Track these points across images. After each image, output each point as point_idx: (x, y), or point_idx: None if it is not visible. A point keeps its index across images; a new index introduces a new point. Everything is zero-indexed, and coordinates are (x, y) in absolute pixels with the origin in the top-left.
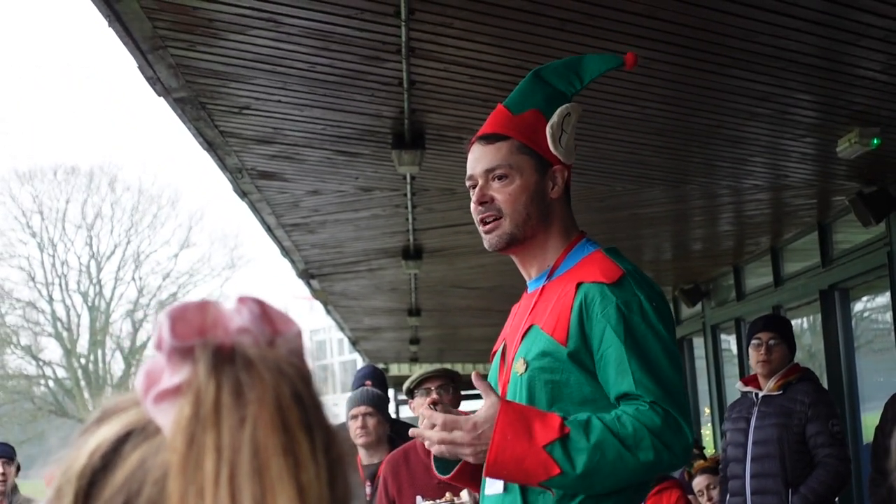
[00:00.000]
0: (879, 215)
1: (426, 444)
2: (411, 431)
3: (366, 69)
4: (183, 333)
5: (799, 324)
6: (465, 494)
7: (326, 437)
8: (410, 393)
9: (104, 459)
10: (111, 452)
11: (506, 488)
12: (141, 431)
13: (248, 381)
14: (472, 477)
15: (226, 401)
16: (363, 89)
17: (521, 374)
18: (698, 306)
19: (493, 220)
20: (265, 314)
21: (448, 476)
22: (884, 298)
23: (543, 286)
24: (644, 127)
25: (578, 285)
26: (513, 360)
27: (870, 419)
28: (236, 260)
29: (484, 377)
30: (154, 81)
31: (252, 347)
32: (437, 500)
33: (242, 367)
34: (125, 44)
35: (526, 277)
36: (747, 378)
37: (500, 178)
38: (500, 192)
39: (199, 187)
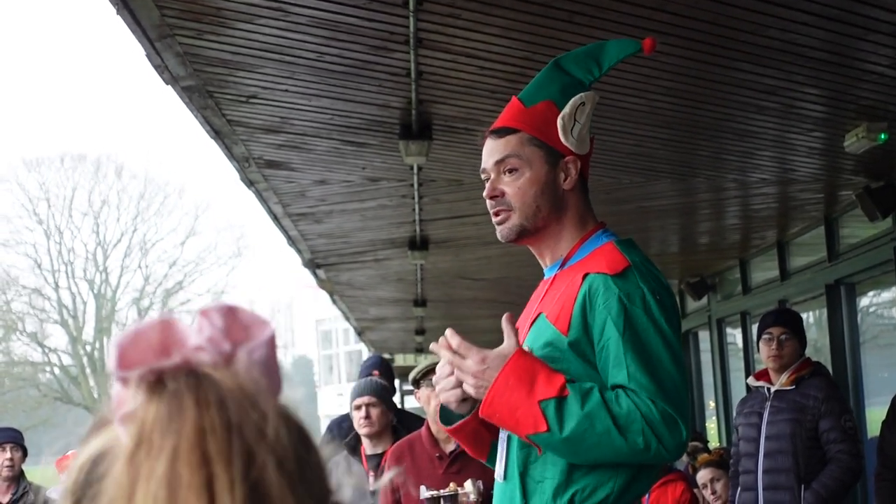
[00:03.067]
0: (886, 210)
1: (437, 369)
2: (432, 346)
3: (373, 59)
4: (127, 363)
5: (805, 318)
6: (468, 485)
7: (246, 461)
8: (416, 383)
9: (87, 476)
10: (90, 471)
11: (506, 476)
12: (109, 453)
13: (174, 413)
14: (473, 437)
15: (156, 434)
16: (371, 79)
17: None
18: (704, 300)
19: (504, 213)
20: (231, 324)
21: (450, 427)
22: (890, 294)
23: (555, 275)
24: (651, 119)
25: (585, 276)
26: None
27: (875, 414)
28: (242, 249)
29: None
30: (162, 70)
31: (201, 368)
32: (441, 490)
33: (173, 398)
34: (133, 32)
35: (542, 266)
36: (758, 373)
37: (509, 171)
38: (510, 186)
39: (206, 176)
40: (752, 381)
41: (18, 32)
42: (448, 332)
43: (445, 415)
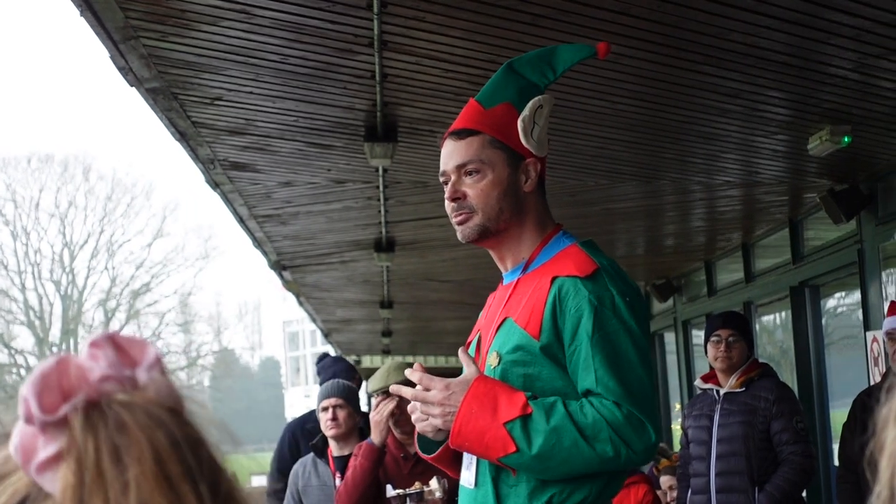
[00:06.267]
0: (850, 213)
1: (409, 405)
2: (392, 388)
3: (338, 62)
4: (50, 405)
5: (770, 320)
6: (434, 482)
7: (211, 478)
8: (370, 396)
9: None
10: None
11: (477, 483)
12: (35, 497)
13: (124, 442)
14: (453, 461)
15: (106, 465)
16: (335, 82)
17: (494, 367)
18: (670, 301)
19: (466, 215)
20: (120, 350)
21: (431, 456)
22: (854, 296)
23: (518, 279)
24: (616, 122)
25: (553, 279)
26: (487, 352)
27: (839, 416)
28: (210, 250)
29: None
30: (126, 71)
31: (120, 397)
32: (407, 490)
33: (115, 427)
34: (97, 33)
35: (502, 269)
36: (706, 375)
37: (471, 173)
38: (472, 188)
39: (174, 178)
40: (700, 383)
41: None
42: (407, 370)
43: (424, 443)
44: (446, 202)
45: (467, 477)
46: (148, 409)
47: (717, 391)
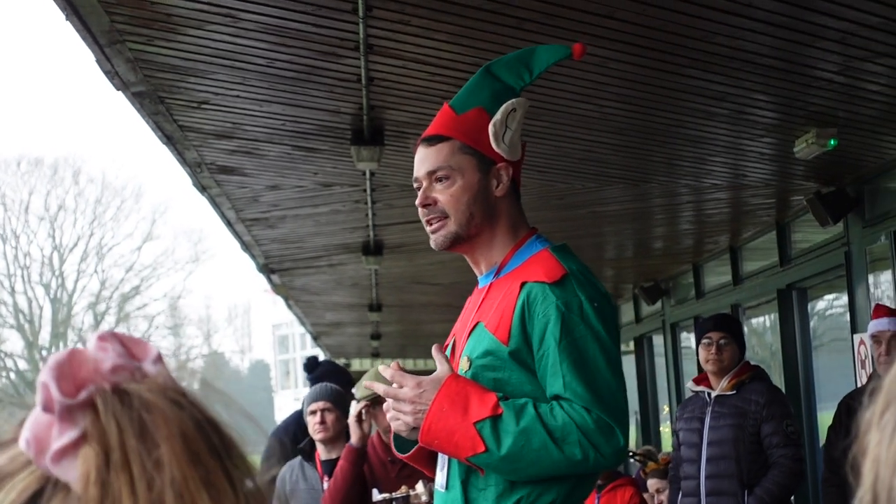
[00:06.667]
0: (837, 215)
1: (384, 404)
2: (365, 383)
3: (324, 65)
4: (69, 389)
5: (758, 323)
6: (420, 486)
7: (233, 457)
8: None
9: None
10: None
11: (447, 486)
12: (52, 488)
13: (150, 420)
14: (428, 460)
15: (132, 445)
16: (321, 85)
17: (465, 372)
18: (658, 304)
19: (438, 221)
20: (125, 346)
21: (406, 455)
22: (841, 298)
23: (491, 283)
24: (603, 125)
25: (523, 284)
26: (460, 356)
27: (826, 419)
28: (200, 254)
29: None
30: (112, 75)
31: (136, 384)
32: (393, 493)
33: (140, 407)
34: (83, 38)
35: (477, 274)
36: (698, 377)
37: (441, 179)
38: (443, 194)
39: (164, 181)
40: (691, 385)
41: None
42: (381, 367)
43: (399, 442)
44: (418, 208)
45: (440, 479)
46: (166, 392)
47: (709, 394)
